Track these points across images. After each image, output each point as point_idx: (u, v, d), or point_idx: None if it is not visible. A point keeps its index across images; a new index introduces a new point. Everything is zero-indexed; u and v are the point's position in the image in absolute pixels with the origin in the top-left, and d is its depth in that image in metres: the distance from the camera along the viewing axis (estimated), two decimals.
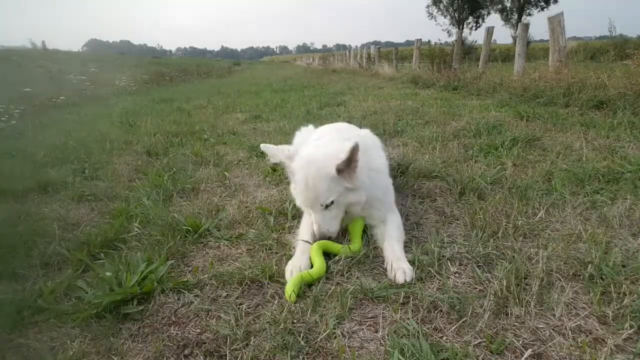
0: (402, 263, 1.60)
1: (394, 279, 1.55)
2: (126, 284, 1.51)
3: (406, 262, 1.63)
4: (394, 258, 1.63)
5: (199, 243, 1.95)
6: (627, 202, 2.08)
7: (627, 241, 1.74)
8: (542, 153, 3.13)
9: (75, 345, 1.28)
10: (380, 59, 15.71)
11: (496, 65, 9.39)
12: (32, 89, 7.04)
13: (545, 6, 40.41)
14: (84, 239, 1.93)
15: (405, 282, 1.52)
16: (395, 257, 1.64)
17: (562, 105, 4.94)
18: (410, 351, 1.17)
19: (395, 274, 1.56)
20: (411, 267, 1.60)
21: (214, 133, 4.64)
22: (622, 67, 5.26)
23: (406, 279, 1.53)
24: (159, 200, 2.46)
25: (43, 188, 2.73)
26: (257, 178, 2.97)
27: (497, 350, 1.19)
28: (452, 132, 4.00)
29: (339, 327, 1.33)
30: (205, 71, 21.51)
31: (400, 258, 1.64)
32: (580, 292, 1.43)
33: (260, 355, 1.22)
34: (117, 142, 4.08)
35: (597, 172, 2.51)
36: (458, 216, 2.12)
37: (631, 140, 3.26)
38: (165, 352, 1.27)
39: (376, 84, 10.59)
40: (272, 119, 5.56)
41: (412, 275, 1.55)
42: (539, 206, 2.12)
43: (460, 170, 2.74)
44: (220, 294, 1.54)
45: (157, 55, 75.54)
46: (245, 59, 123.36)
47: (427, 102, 6.28)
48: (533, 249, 1.71)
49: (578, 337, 1.23)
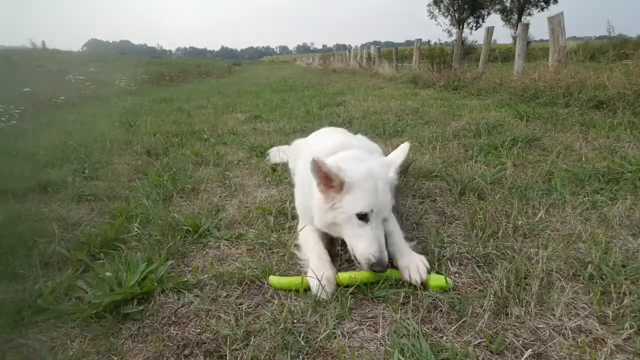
0: (412, 257, 1.56)
1: (409, 279, 1.50)
2: (126, 284, 1.51)
3: (413, 253, 1.60)
4: (401, 255, 1.59)
5: (199, 243, 1.95)
6: (627, 202, 2.08)
7: (627, 241, 1.74)
8: (542, 153, 3.13)
9: (75, 345, 1.28)
10: (380, 59, 15.71)
11: (496, 65, 9.39)
12: (32, 89, 7.04)
13: (545, 6, 40.50)
14: (84, 239, 1.93)
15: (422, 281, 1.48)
16: (401, 253, 1.60)
17: (562, 105, 4.94)
18: (410, 351, 1.17)
19: (410, 275, 1.50)
20: (422, 256, 1.57)
21: (214, 133, 4.65)
22: (622, 67, 5.25)
23: (422, 276, 1.49)
24: (159, 200, 2.46)
25: (43, 188, 2.73)
26: (257, 178, 2.97)
27: (497, 350, 1.19)
28: (452, 132, 4.01)
29: (339, 327, 1.33)
30: (205, 71, 21.50)
31: (405, 252, 1.60)
32: (580, 292, 1.43)
33: (260, 355, 1.22)
34: (117, 142, 4.08)
35: (597, 172, 2.51)
36: (458, 216, 2.12)
37: (631, 140, 3.26)
38: (165, 352, 1.27)
39: (376, 84, 10.59)
40: (272, 119, 5.56)
41: (427, 267, 1.52)
42: (539, 206, 2.12)
43: (460, 170, 2.74)
44: (220, 294, 1.54)
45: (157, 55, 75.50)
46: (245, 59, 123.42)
47: (427, 102, 6.28)
48: (533, 249, 1.72)
49: (578, 337, 1.23)
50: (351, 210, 1.55)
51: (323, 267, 1.56)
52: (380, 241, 1.53)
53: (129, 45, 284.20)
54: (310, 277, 1.53)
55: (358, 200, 1.55)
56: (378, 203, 1.56)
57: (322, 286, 1.47)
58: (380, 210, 1.57)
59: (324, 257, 1.64)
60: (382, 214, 1.58)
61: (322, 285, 1.47)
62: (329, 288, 1.48)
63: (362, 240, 1.53)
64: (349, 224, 1.57)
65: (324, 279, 1.49)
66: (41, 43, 23.63)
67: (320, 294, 1.45)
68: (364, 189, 1.56)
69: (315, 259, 1.62)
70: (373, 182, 1.58)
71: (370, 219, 1.55)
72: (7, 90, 7.03)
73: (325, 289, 1.47)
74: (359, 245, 1.53)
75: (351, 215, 1.55)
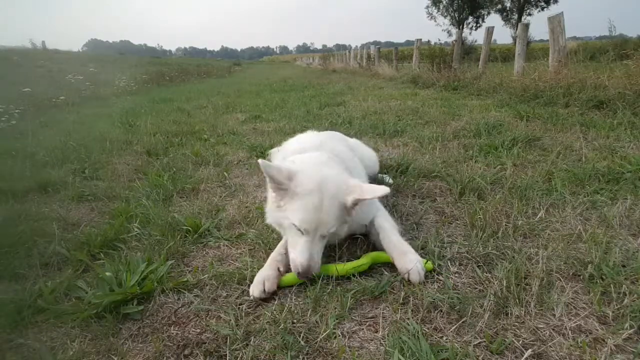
0: (410, 256, 1.57)
1: (408, 278, 1.52)
2: (126, 284, 1.51)
3: (412, 252, 1.60)
4: (399, 253, 1.60)
5: (199, 243, 1.95)
6: (627, 202, 2.08)
7: (627, 241, 1.74)
8: (542, 153, 3.13)
9: (75, 345, 1.28)
10: (380, 59, 15.71)
11: (496, 65, 9.37)
12: (32, 89, 7.03)
13: (545, 6, 40.45)
14: (84, 239, 1.93)
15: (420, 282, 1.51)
16: (398, 252, 1.60)
17: (562, 105, 4.94)
18: (410, 351, 1.17)
19: (409, 275, 1.52)
20: (419, 257, 1.58)
21: (214, 133, 4.65)
22: (622, 67, 5.25)
23: (421, 278, 1.52)
24: (159, 200, 2.46)
25: (43, 188, 2.73)
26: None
27: (497, 350, 1.19)
28: (452, 132, 4.01)
29: (339, 327, 1.33)
30: (205, 71, 21.51)
31: (405, 251, 1.60)
32: (580, 292, 1.43)
33: (260, 355, 1.22)
34: (117, 142, 4.08)
35: (597, 172, 2.51)
36: (458, 216, 2.12)
37: (631, 140, 3.26)
38: (165, 352, 1.27)
39: (376, 84, 10.59)
40: (272, 119, 5.56)
41: (422, 268, 1.55)
42: (539, 206, 2.12)
43: (460, 170, 2.74)
44: (220, 294, 1.54)
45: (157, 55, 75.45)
46: (245, 59, 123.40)
47: (427, 102, 6.28)
48: (533, 249, 1.71)
49: (578, 337, 1.23)
50: (291, 218, 1.54)
51: (267, 268, 1.60)
52: (312, 253, 1.51)
53: (129, 45, 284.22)
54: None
55: (298, 212, 1.52)
56: (318, 220, 1.52)
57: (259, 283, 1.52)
58: (319, 228, 1.53)
59: (275, 257, 1.66)
60: (320, 232, 1.54)
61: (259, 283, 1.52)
62: (264, 286, 1.51)
63: (296, 248, 1.54)
64: (289, 229, 1.58)
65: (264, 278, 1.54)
66: (41, 43, 23.64)
67: (252, 292, 1.50)
68: (306, 203, 1.52)
69: (269, 259, 1.66)
70: (319, 196, 1.52)
71: (305, 233, 1.53)
72: (7, 90, 7.03)
73: (257, 287, 1.51)
74: (293, 251, 1.55)
75: (290, 223, 1.55)
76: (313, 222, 1.51)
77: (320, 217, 1.51)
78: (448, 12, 45.66)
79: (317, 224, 1.52)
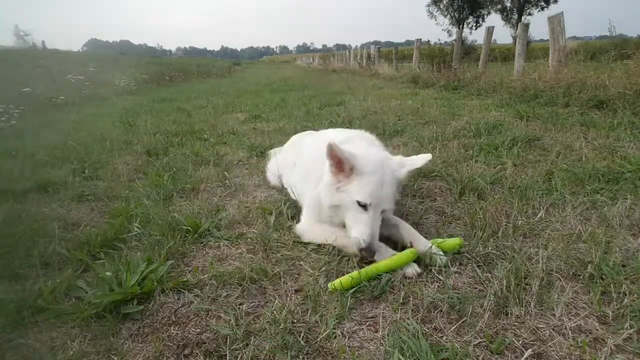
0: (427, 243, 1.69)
1: (429, 262, 1.64)
2: (126, 284, 1.51)
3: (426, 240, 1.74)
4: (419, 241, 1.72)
5: (199, 243, 1.95)
6: (627, 202, 2.08)
7: (627, 241, 1.74)
8: (542, 153, 3.13)
9: (75, 345, 1.28)
10: (380, 59, 15.72)
11: (496, 65, 9.39)
12: (32, 89, 7.04)
13: (545, 6, 40.45)
14: (84, 239, 1.92)
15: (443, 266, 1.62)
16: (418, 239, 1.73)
17: (562, 105, 4.94)
18: (410, 351, 1.17)
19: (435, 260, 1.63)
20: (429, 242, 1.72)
21: (214, 133, 4.64)
22: (622, 67, 5.25)
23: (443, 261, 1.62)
24: (159, 200, 2.46)
25: (43, 188, 2.73)
26: (257, 178, 2.97)
27: (497, 350, 1.19)
28: (452, 132, 4.00)
29: (339, 327, 1.33)
30: (205, 71, 21.49)
31: (421, 239, 1.74)
32: (580, 292, 1.43)
33: (260, 355, 1.22)
34: (117, 142, 4.08)
35: (597, 172, 2.51)
36: (458, 216, 2.12)
37: (631, 140, 3.26)
38: (165, 352, 1.27)
39: (376, 83, 10.59)
40: (272, 118, 5.56)
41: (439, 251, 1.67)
42: (539, 206, 2.12)
43: (460, 170, 2.74)
44: (220, 294, 1.54)
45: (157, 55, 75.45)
46: (245, 59, 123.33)
47: (427, 102, 6.28)
48: (533, 249, 1.71)
49: (578, 337, 1.23)
50: (354, 196, 1.66)
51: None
52: (374, 229, 1.64)
53: (129, 45, 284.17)
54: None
55: (362, 188, 1.65)
56: (380, 196, 1.66)
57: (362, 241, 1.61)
58: (380, 203, 1.67)
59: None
60: (382, 207, 1.68)
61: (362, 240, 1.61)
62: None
63: (359, 224, 1.65)
64: (350, 207, 1.68)
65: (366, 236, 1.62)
66: (41, 43, 23.65)
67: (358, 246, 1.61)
68: (369, 180, 1.66)
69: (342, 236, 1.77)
70: (381, 174, 1.69)
71: (369, 208, 1.64)
72: (7, 90, 7.03)
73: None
74: (355, 228, 1.66)
75: (353, 201, 1.66)
76: (377, 198, 1.65)
77: (382, 192, 1.67)
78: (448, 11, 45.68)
79: (380, 199, 1.66)
